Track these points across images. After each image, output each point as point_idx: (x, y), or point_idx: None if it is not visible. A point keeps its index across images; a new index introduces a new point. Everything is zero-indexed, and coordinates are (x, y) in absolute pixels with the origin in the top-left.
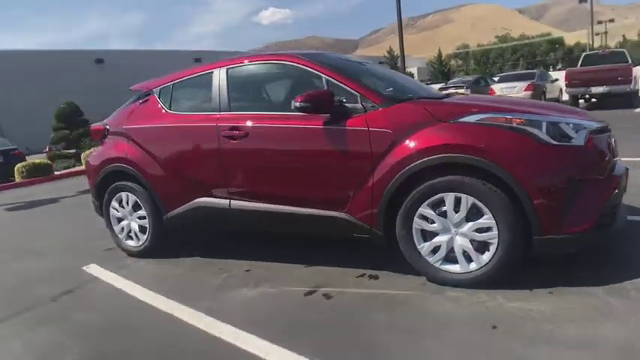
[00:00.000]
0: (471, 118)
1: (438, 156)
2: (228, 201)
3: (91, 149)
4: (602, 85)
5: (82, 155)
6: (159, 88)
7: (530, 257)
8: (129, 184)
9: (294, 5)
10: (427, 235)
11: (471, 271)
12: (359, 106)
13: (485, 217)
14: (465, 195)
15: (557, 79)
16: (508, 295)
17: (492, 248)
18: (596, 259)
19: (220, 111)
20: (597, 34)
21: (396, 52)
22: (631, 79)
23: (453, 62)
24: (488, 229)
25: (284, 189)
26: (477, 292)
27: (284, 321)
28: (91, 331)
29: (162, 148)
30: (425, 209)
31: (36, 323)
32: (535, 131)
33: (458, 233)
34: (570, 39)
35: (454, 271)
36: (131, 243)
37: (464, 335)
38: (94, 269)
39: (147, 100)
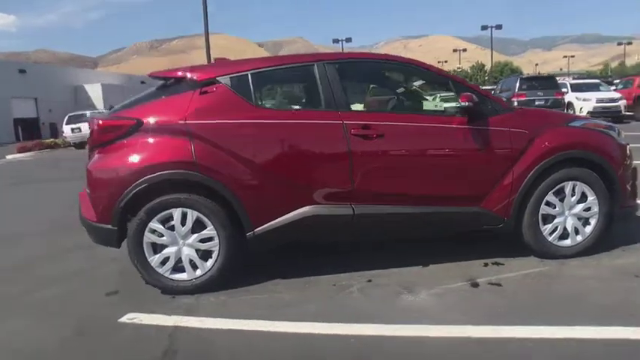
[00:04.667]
0: (576, 124)
1: (564, 152)
2: (350, 207)
3: (96, 156)
4: None
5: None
6: (228, 76)
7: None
8: (191, 196)
9: (19, 11)
10: (547, 219)
11: (574, 244)
12: (490, 109)
13: (590, 199)
14: (573, 182)
15: None
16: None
17: (593, 222)
18: None
19: (339, 109)
20: None
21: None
22: None
23: None
24: (589, 209)
25: (423, 189)
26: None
27: (503, 309)
28: None
29: (256, 150)
30: (550, 197)
31: None
32: (613, 134)
33: (569, 215)
34: None
35: (564, 245)
36: (182, 276)
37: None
38: (146, 320)
39: (212, 90)
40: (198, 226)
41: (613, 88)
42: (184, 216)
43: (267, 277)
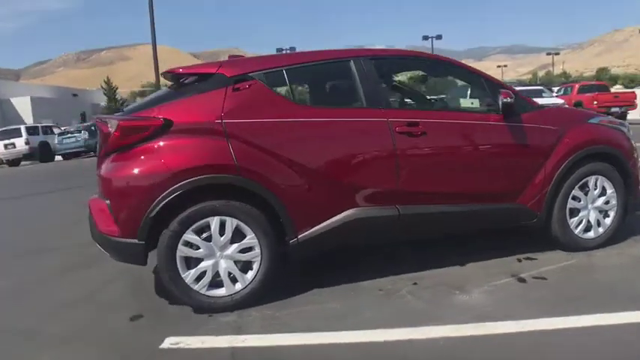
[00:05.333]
0: (595, 120)
1: (589, 148)
2: (395, 208)
3: (116, 162)
4: None
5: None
6: (261, 72)
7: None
8: (229, 203)
9: None
10: (574, 213)
11: (596, 236)
12: (522, 106)
13: (609, 192)
14: (596, 177)
15: None
16: None
17: (612, 214)
18: None
19: (381, 106)
20: None
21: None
22: None
23: (138, 99)
24: (608, 202)
25: (465, 187)
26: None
27: (555, 301)
28: None
29: (298, 150)
30: (576, 192)
31: None
32: (624, 129)
33: (591, 209)
34: None
35: (588, 237)
36: (219, 292)
37: None
38: (194, 343)
39: (246, 87)
40: (237, 235)
41: (554, 94)
42: (222, 225)
43: (304, 287)
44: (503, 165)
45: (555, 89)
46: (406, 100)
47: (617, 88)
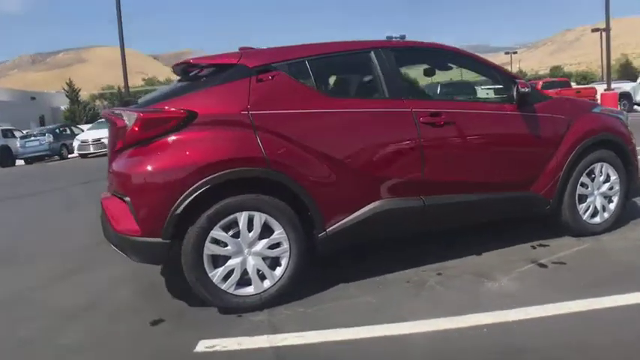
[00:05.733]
0: (598, 110)
1: (596, 135)
2: (419, 198)
3: (135, 156)
4: None
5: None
6: (284, 63)
7: None
8: (259, 197)
9: None
10: (582, 199)
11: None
12: (533, 96)
13: (613, 178)
14: (601, 164)
15: None
16: None
17: (615, 199)
18: None
19: (404, 96)
20: None
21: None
22: None
23: (98, 102)
24: (612, 188)
25: (486, 176)
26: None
27: (582, 283)
28: None
29: (326, 141)
30: (584, 178)
31: None
32: (623, 118)
33: (597, 195)
34: None
35: (595, 222)
36: (247, 290)
37: None
38: (231, 345)
39: (269, 78)
40: (265, 230)
41: None
42: (250, 220)
43: (328, 282)
44: (521, 153)
45: None
46: (425, 90)
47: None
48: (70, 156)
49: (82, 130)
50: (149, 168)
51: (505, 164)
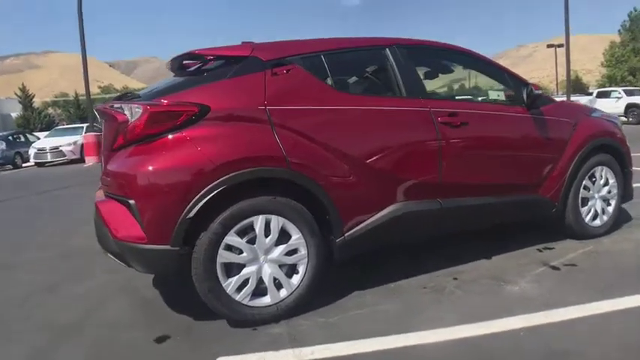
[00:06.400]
0: (597, 114)
1: (597, 140)
2: (436, 201)
3: (139, 154)
4: None
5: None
6: (299, 57)
7: None
8: (276, 199)
9: None
10: (584, 202)
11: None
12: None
13: (611, 182)
14: (602, 167)
15: None
16: None
17: (613, 202)
18: None
19: (420, 95)
20: None
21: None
22: None
23: (51, 110)
24: (610, 191)
25: (499, 178)
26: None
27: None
28: None
29: (346, 140)
30: (586, 181)
31: None
32: (617, 122)
33: (598, 198)
34: None
35: (596, 225)
36: (264, 301)
37: None
38: None
39: (284, 72)
40: (282, 236)
41: None
42: (267, 224)
43: (343, 290)
44: (531, 155)
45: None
46: (438, 89)
47: None
48: (24, 165)
49: (38, 138)
50: (157, 167)
51: (517, 166)
